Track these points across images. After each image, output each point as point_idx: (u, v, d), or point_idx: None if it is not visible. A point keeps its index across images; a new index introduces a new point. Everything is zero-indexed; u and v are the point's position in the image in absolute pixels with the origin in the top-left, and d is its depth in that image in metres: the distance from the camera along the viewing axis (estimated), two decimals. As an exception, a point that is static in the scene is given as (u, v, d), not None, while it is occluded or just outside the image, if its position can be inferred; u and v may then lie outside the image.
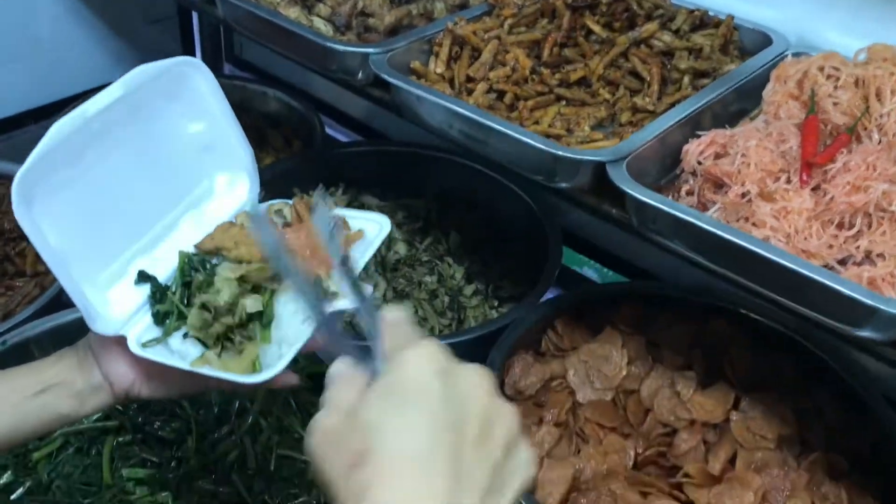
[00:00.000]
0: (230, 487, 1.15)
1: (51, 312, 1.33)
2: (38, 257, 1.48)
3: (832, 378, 1.29)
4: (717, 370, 1.30)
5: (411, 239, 1.65)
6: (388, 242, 1.60)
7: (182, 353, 0.88)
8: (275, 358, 0.85)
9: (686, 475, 1.18)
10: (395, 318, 0.61)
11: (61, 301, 1.37)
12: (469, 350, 1.35)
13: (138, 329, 0.89)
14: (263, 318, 0.90)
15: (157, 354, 0.86)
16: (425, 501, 0.51)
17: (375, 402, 0.55)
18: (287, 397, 1.29)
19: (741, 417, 1.22)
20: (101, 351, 0.88)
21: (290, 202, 0.98)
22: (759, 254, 0.86)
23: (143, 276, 0.93)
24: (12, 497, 1.13)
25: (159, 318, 0.91)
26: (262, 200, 1.01)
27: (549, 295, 1.45)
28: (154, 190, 0.94)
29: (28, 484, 1.15)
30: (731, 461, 1.19)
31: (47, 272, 0.83)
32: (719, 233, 0.88)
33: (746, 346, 1.33)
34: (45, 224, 0.81)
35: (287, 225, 0.96)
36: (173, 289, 0.92)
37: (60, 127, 0.80)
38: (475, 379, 0.57)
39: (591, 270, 1.70)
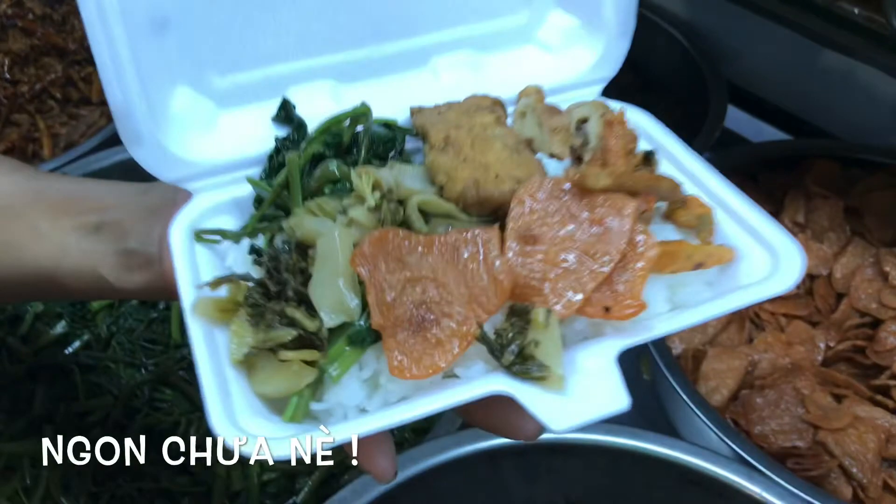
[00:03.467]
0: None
1: (119, 145, 1.14)
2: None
3: None
4: (939, 249, 1.01)
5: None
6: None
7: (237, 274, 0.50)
8: (334, 419, 0.45)
9: (893, 377, 0.92)
10: None
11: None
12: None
13: (220, 196, 0.53)
14: (353, 334, 0.46)
15: (183, 259, 0.50)
16: None
17: None
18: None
19: (975, 309, 0.94)
20: (166, 209, 0.56)
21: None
22: None
23: (284, 112, 0.56)
24: (67, 351, 0.95)
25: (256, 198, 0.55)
26: None
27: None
28: None
29: (85, 338, 0.97)
30: (958, 364, 0.92)
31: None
32: None
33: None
34: None
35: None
36: (296, 161, 0.53)
37: None
38: None
39: (752, 132, 1.41)
